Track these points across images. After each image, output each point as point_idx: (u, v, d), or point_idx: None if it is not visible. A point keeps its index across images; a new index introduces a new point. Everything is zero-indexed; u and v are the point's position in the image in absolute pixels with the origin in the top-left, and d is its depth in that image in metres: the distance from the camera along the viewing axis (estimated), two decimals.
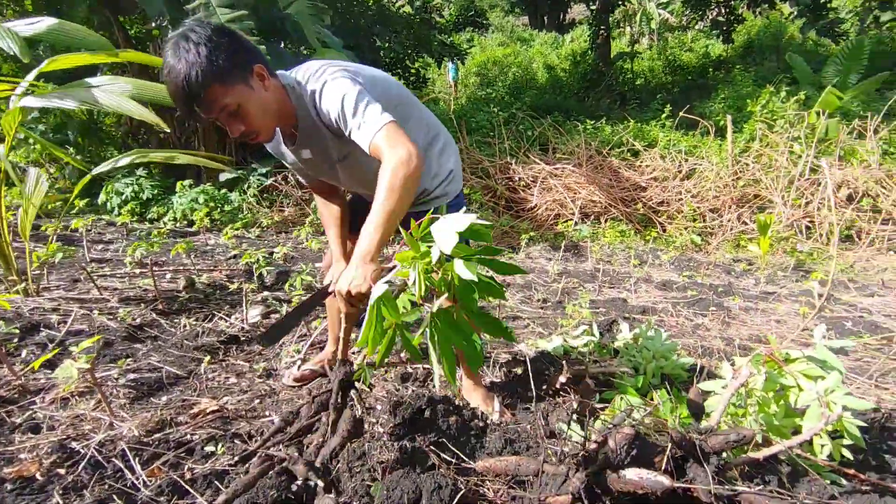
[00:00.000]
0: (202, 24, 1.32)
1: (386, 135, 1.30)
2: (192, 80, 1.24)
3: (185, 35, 1.28)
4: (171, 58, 1.26)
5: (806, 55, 9.62)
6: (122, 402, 1.73)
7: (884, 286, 4.40)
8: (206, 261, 4.29)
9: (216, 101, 1.29)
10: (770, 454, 1.13)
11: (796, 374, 1.37)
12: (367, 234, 1.27)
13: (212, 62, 1.25)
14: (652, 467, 1.15)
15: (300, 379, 2.04)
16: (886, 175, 5.50)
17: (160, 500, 1.26)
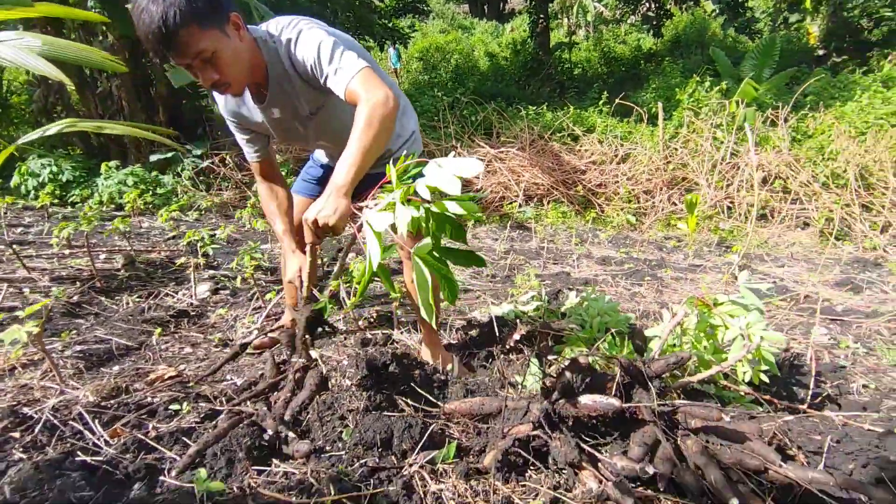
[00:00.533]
0: None
1: (363, 78, 1.31)
2: (168, 19, 1.19)
3: None
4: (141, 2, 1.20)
5: (727, 50, 10.37)
6: (70, 373, 1.66)
7: (792, 258, 4.90)
8: (143, 242, 4.08)
9: (191, 45, 1.25)
10: (702, 377, 1.28)
11: (723, 315, 1.55)
12: (342, 166, 1.26)
13: (190, 3, 1.21)
14: (603, 394, 1.27)
15: (259, 346, 2.03)
16: (794, 159, 6.09)
17: (126, 456, 1.24)
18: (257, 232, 4.73)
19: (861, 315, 3.10)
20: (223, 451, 1.24)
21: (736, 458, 1.19)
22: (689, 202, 5.56)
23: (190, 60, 1.29)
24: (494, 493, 1.23)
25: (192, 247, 3.60)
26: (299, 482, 1.15)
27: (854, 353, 2.44)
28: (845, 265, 4.54)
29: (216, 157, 6.27)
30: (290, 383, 1.56)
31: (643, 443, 1.22)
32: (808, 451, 1.36)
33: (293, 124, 1.60)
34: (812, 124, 6.78)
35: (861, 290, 3.78)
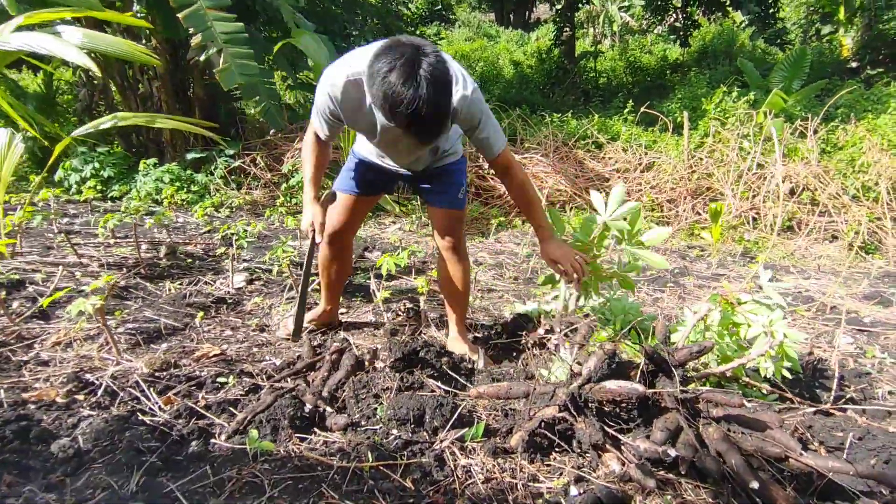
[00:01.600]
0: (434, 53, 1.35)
1: (509, 153, 1.80)
2: (446, 122, 1.43)
3: (451, 73, 1.40)
4: (438, 92, 1.31)
5: (755, 61, 10.26)
6: (124, 347, 1.78)
7: (819, 270, 4.84)
8: (180, 236, 4.26)
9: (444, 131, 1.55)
10: (725, 369, 1.33)
11: (746, 313, 1.59)
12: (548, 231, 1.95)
13: (449, 97, 1.40)
14: (628, 381, 1.33)
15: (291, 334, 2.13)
16: (823, 171, 6.01)
17: (179, 421, 1.34)
18: (287, 229, 4.88)
19: (889, 327, 3.07)
20: (268, 420, 1.33)
21: (757, 446, 1.24)
22: (714, 211, 5.53)
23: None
24: (521, 470, 1.29)
25: (227, 240, 3.76)
26: (339, 449, 1.24)
27: (881, 363, 2.43)
28: (874, 279, 4.47)
29: (247, 157, 6.48)
30: (326, 363, 1.65)
31: (665, 428, 1.27)
32: (829, 446, 1.39)
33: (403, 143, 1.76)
34: (843, 136, 6.68)
35: (890, 303, 3.73)
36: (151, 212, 5.51)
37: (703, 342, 1.28)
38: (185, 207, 5.63)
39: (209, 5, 4.32)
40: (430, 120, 1.33)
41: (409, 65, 1.29)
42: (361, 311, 2.59)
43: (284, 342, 2.07)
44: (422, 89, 1.28)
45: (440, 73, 1.33)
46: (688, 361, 1.30)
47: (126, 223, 3.65)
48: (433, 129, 1.39)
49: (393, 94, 1.29)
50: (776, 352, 1.48)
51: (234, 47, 4.28)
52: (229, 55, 4.23)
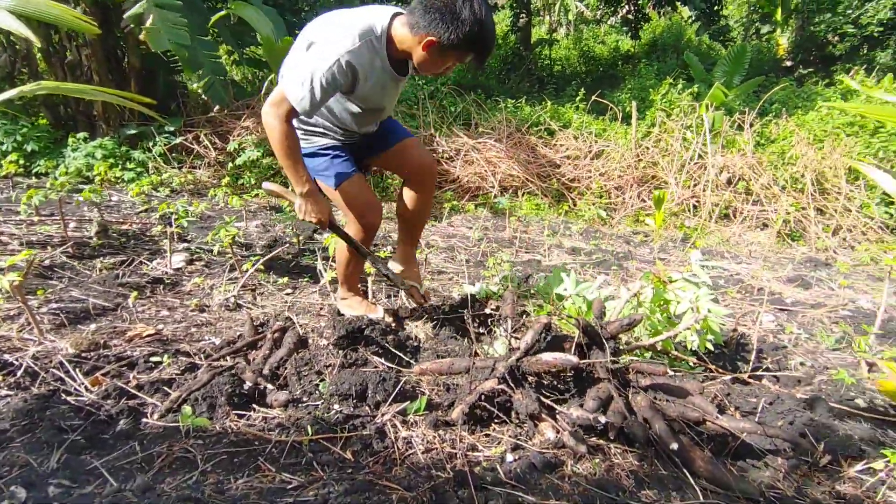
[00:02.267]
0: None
1: None
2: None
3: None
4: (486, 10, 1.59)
5: (700, 56, 10.68)
6: (47, 328, 1.68)
7: (751, 256, 5.17)
8: (114, 215, 4.03)
9: None
10: (653, 341, 1.41)
11: (676, 290, 1.68)
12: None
13: None
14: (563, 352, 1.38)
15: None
16: (757, 162, 6.37)
17: (107, 402, 1.29)
18: (232, 210, 4.71)
19: (807, 307, 3.32)
20: (204, 398, 1.30)
21: (679, 412, 1.32)
22: (657, 199, 5.76)
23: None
24: (461, 441, 1.33)
25: (167, 219, 3.59)
26: (279, 425, 1.23)
27: (797, 338, 2.64)
28: (798, 264, 4.81)
29: (190, 134, 6.17)
30: (268, 342, 1.62)
31: (598, 397, 1.33)
32: (743, 410, 1.51)
33: (396, 90, 1.89)
34: (775, 130, 7.10)
35: (810, 286, 4.03)
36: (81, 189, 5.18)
37: (633, 315, 1.34)
38: (119, 185, 5.32)
39: None
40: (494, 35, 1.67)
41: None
42: (308, 291, 2.55)
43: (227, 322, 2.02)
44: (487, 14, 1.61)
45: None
46: (619, 333, 1.36)
47: (52, 200, 3.42)
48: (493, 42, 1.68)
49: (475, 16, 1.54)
50: (701, 326, 1.58)
51: (165, 10, 4.03)
52: (159, 17, 3.98)
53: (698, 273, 1.67)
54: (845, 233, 5.60)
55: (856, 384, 1.87)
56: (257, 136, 5.96)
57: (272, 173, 5.80)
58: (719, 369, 1.71)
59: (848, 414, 1.60)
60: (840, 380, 1.86)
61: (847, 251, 5.39)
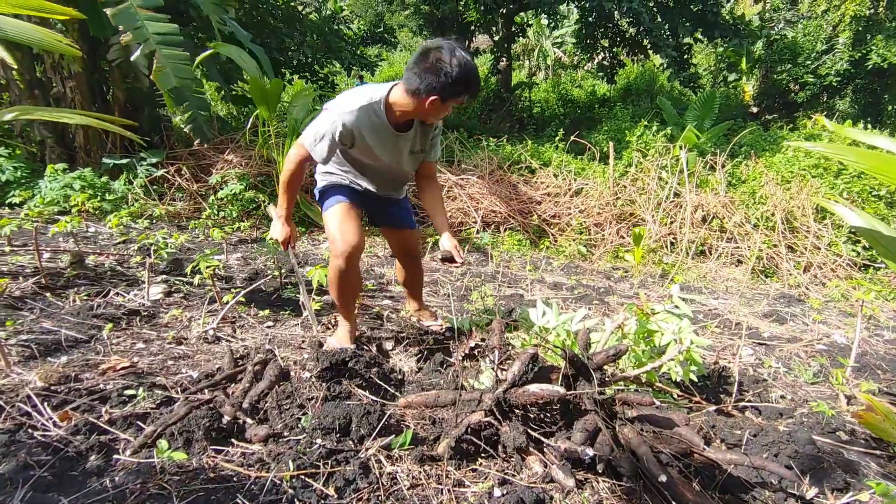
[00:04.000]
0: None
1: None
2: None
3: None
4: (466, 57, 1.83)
5: (672, 100, 11.19)
6: (15, 360, 1.60)
7: (727, 291, 5.28)
8: (90, 246, 3.94)
9: None
10: (640, 372, 1.41)
11: (659, 322, 1.70)
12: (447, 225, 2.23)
13: None
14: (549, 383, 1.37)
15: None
16: (730, 201, 6.60)
17: (76, 438, 1.23)
18: (212, 242, 4.65)
19: (783, 341, 3.39)
20: (181, 433, 1.25)
21: (666, 443, 1.32)
22: (636, 235, 5.91)
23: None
24: (447, 476, 1.29)
25: (145, 251, 3.52)
26: (258, 460, 1.18)
27: (776, 371, 2.67)
28: (773, 299, 4.93)
29: (172, 167, 6.14)
30: (248, 374, 1.57)
31: (585, 429, 1.32)
32: (729, 442, 1.51)
33: (395, 155, 2.13)
34: (745, 171, 7.40)
35: (785, 321, 4.12)
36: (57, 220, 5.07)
37: (618, 345, 1.35)
38: (97, 216, 5.22)
39: (140, 4, 4.12)
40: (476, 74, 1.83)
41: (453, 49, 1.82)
42: (290, 323, 2.51)
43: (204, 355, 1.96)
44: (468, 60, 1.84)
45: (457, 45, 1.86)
46: (605, 364, 1.37)
47: (26, 230, 3.33)
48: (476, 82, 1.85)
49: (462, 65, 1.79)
50: (684, 357, 1.59)
51: (168, 48, 4.10)
52: (163, 56, 4.04)
53: (679, 305, 1.70)
54: (816, 269, 5.78)
55: (836, 416, 1.90)
56: (240, 170, 5.97)
57: (253, 206, 5.78)
58: (703, 401, 1.72)
59: (831, 446, 1.62)
60: (821, 412, 1.89)
61: (818, 287, 5.55)
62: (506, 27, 11.92)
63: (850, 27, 11.47)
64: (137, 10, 4.12)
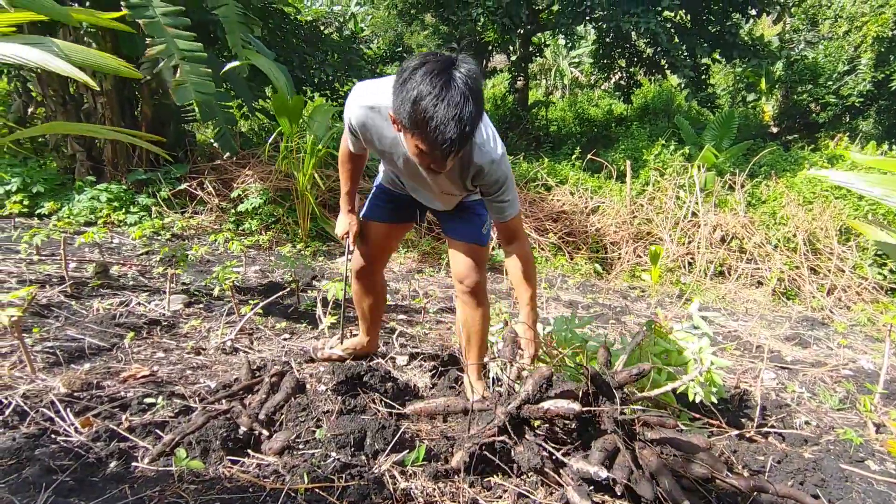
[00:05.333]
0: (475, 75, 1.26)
1: (519, 222, 1.71)
2: (472, 132, 1.27)
3: (461, 73, 1.23)
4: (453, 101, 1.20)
5: (690, 120, 11.16)
6: (40, 367, 1.64)
7: (747, 313, 5.17)
8: (114, 256, 4.03)
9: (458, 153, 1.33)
10: (659, 392, 1.39)
11: (677, 340, 1.68)
12: (528, 312, 1.72)
13: (481, 111, 1.28)
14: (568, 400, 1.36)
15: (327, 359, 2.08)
16: (749, 221, 6.51)
17: (97, 444, 1.24)
18: (232, 255, 4.72)
19: (807, 365, 3.30)
20: (198, 442, 1.26)
21: (687, 467, 1.28)
22: (653, 254, 5.85)
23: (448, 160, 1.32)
24: (461, 493, 1.28)
25: (167, 262, 3.59)
26: (274, 472, 1.18)
27: (799, 396, 2.60)
28: (795, 322, 4.81)
29: (194, 180, 6.29)
30: (265, 386, 1.59)
31: (603, 448, 1.30)
32: (752, 469, 1.46)
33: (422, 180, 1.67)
34: (765, 191, 7.31)
35: (808, 344, 4.02)
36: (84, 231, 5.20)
37: (641, 365, 1.33)
38: (122, 228, 5.35)
39: (167, 23, 4.29)
40: (448, 132, 1.20)
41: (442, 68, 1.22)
42: (306, 336, 2.53)
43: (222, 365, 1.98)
44: (452, 91, 1.19)
45: (467, 76, 1.22)
46: (627, 383, 1.35)
47: (54, 240, 3.43)
48: (450, 140, 1.22)
49: (418, 95, 1.19)
50: (704, 378, 1.56)
51: (191, 64, 4.24)
52: (186, 71, 4.18)
53: (699, 325, 1.67)
54: (840, 292, 5.64)
55: (864, 445, 1.83)
56: (261, 185, 6.08)
57: (272, 220, 5.87)
58: (725, 425, 1.68)
59: (859, 476, 1.56)
60: (848, 440, 1.83)
61: (842, 311, 5.41)
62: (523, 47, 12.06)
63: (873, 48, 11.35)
64: (165, 28, 4.29)
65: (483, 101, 1.30)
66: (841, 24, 12.15)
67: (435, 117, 1.19)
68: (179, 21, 4.38)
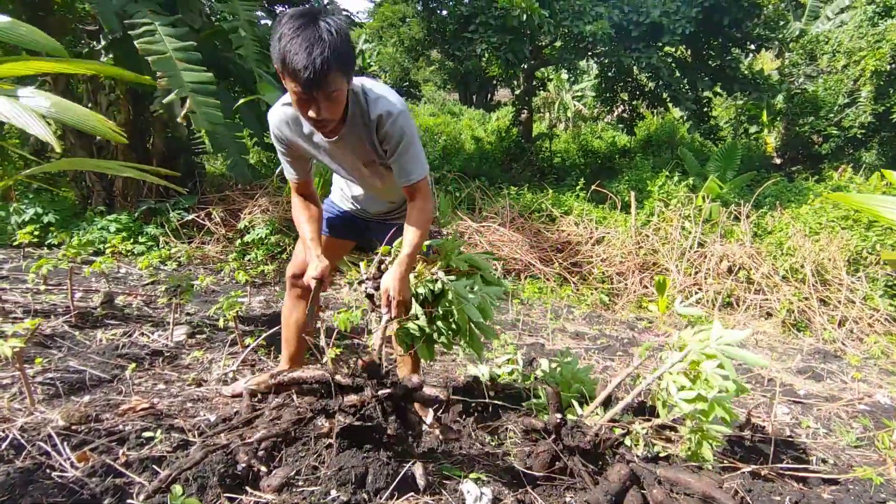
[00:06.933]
0: (335, 13, 1.43)
1: (424, 186, 1.73)
2: (329, 62, 1.36)
3: (324, 18, 1.38)
4: (308, 36, 1.34)
5: (693, 151, 11.25)
6: (40, 398, 1.62)
7: (757, 345, 5.09)
8: (120, 286, 4.04)
9: (332, 85, 1.42)
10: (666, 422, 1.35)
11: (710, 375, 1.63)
12: (401, 259, 1.67)
13: (344, 51, 1.39)
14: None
15: (238, 394, 2.01)
16: (756, 252, 6.48)
17: (92, 480, 1.22)
18: (238, 284, 4.73)
19: (821, 399, 3.21)
20: (195, 478, 1.23)
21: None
22: (659, 284, 5.81)
23: (323, 96, 1.44)
24: None
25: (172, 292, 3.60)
26: None
27: (814, 432, 2.52)
28: (807, 355, 4.72)
29: (202, 211, 6.37)
30: (265, 420, 1.56)
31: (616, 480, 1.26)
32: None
33: (347, 161, 1.80)
34: (771, 222, 7.29)
35: (822, 378, 3.93)
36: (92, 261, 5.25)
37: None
38: (129, 258, 5.40)
39: (179, 57, 4.44)
40: (304, 60, 1.33)
41: (305, 12, 1.38)
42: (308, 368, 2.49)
43: (223, 398, 1.95)
44: (298, 31, 1.34)
45: (317, 15, 1.38)
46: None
47: (61, 270, 3.45)
48: (309, 71, 1.34)
49: (280, 35, 1.35)
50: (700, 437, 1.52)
51: (201, 96, 4.37)
52: (195, 102, 4.31)
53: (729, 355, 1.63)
54: (851, 324, 5.54)
55: (885, 485, 1.76)
56: (268, 215, 6.14)
57: (279, 251, 5.90)
58: (737, 461, 1.62)
59: None
60: (868, 479, 1.76)
61: (855, 343, 5.30)
62: (527, 81, 12.33)
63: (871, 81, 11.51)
64: (176, 62, 4.43)
65: (351, 49, 1.44)
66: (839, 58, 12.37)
67: (291, 49, 1.35)
68: (191, 56, 4.52)
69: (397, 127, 1.62)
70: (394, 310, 1.66)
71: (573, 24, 8.87)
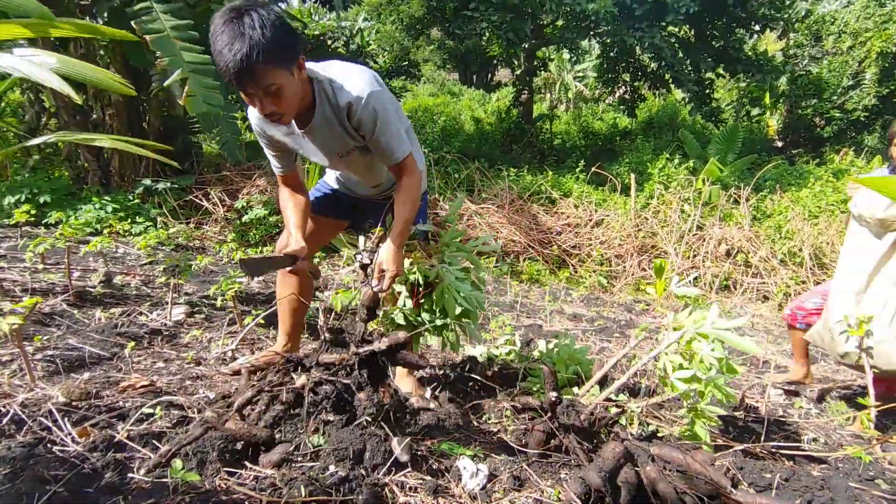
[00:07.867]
0: (264, 6, 1.40)
1: (410, 162, 1.73)
2: (252, 57, 1.33)
3: (249, 12, 1.36)
4: (231, 31, 1.33)
5: (695, 134, 11.17)
6: (40, 375, 1.64)
7: (753, 328, 5.13)
8: (118, 266, 4.04)
9: (263, 80, 1.40)
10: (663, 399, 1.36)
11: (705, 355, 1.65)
12: (394, 233, 1.69)
13: (272, 45, 1.35)
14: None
15: (238, 372, 2.02)
16: (755, 235, 6.48)
17: (93, 455, 1.23)
18: (235, 264, 4.73)
19: (815, 381, 3.25)
20: (195, 453, 1.25)
21: (690, 484, 1.26)
22: (658, 267, 5.82)
23: (255, 91, 1.43)
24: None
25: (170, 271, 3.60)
26: (271, 484, 1.17)
27: (807, 413, 2.56)
28: None
29: (200, 191, 6.34)
30: (265, 396, 1.57)
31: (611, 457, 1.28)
32: (758, 486, 1.43)
33: (324, 152, 1.79)
34: (771, 205, 7.28)
35: (816, 360, 3.96)
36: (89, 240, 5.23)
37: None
38: (126, 238, 5.38)
39: (176, 35, 4.35)
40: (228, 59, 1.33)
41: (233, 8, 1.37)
42: (307, 347, 2.51)
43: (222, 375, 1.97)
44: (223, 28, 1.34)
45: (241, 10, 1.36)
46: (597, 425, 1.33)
47: (59, 249, 3.44)
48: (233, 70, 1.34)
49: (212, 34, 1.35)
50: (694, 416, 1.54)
51: (200, 76, 4.29)
52: (195, 83, 4.24)
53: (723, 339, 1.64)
54: None
55: (873, 463, 1.80)
56: (266, 195, 6.11)
57: (277, 231, 5.89)
58: (729, 440, 1.65)
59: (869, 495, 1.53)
60: (857, 458, 1.79)
61: None
62: (528, 61, 12.16)
63: (877, 63, 11.38)
64: (174, 41, 4.35)
65: (288, 41, 1.41)
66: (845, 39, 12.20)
67: (216, 47, 1.35)
68: (188, 35, 4.44)
69: (369, 110, 1.60)
70: (385, 282, 1.67)
71: (575, 2, 8.71)
